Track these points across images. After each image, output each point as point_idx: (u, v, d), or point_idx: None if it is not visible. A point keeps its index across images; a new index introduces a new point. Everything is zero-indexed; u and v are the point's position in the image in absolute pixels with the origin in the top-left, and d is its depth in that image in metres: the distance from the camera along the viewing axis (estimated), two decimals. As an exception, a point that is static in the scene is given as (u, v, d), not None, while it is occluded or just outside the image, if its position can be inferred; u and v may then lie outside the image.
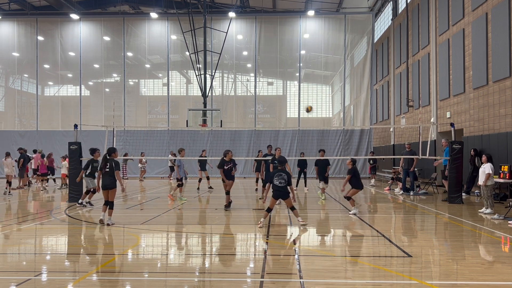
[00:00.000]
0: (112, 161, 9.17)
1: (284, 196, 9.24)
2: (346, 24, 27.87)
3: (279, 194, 9.21)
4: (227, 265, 6.35)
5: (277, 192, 9.21)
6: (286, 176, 9.25)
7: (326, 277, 5.56)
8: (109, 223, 9.25)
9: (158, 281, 5.49)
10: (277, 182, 9.21)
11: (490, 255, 6.75)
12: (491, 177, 10.89)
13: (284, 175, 9.24)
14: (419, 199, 14.83)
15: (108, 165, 9.14)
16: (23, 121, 29.57)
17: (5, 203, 13.88)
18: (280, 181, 9.18)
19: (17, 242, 7.98)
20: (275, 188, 9.24)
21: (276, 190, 9.22)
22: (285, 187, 9.21)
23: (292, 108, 29.60)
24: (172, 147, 25.51)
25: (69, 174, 14.15)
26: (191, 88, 30.21)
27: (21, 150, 19.47)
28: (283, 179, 9.21)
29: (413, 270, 5.88)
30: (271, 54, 29.04)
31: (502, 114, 14.06)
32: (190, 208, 12.58)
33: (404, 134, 23.41)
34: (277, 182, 9.21)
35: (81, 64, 28.67)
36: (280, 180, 9.19)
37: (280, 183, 9.18)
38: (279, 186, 9.18)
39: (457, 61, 17.28)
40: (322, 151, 15.13)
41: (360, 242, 7.92)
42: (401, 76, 24.25)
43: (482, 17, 15.30)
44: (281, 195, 9.22)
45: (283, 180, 9.20)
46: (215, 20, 28.11)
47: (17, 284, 5.22)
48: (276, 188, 9.22)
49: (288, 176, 9.30)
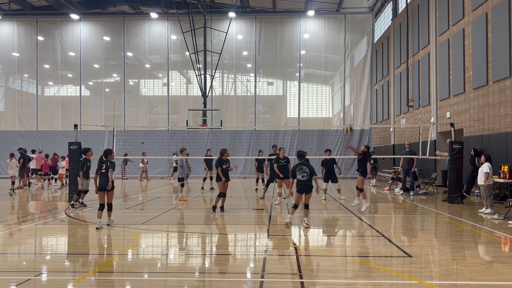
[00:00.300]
0: (108, 162, 9.13)
1: (308, 190, 9.09)
2: (346, 24, 27.86)
3: (303, 188, 9.05)
4: (227, 265, 6.35)
5: (301, 186, 9.06)
6: (308, 169, 9.05)
7: (326, 277, 5.56)
8: (109, 224, 9.24)
9: (158, 281, 5.50)
10: (299, 176, 9.06)
11: (490, 255, 6.75)
12: (490, 176, 10.91)
13: (305, 168, 9.05)
14: (419, 199, 14.83)
15: (104, 166, 9.08)
16: (23, 121, 29.57)
17: (7, 203, 13.88)
18: (303, 174, 9.03)
19: (17, 242, 7.98)
20: (299, 183, 9.10)
21: (300, 185, 9.07)
22: (308, 181, 9.04)
23: (292, 108, 29.60)
24: (172, 147, 25.53)
25: (69, 174, 14.15)
26: (191, 88, 30.21)
27: (21, 150, 19.49)
28: (305, 172, 9.04)
29: (413, 270, 5.88)
30: (271, 54, 29.03)
31: (502, 114, 14.06)
32: (191, 208, 12.58)
33: (404, 134, 23.41)
34: (299, 176, 9.06)
35: (81, 64, 28.66)
36: (303, 174, 9.03)
37: (302, 176, 9.03)
38: (302, 180, 9.03)
39: (457, 61, 17.28)
40: (328, 151, 14.85)
41: (360, 242, 7.92)
42: (401, 76, 24.25)
43: (482, 17, 15.30)
44: (305, 189, 9.05)
45: (305, 173, 9.03)
46: (215, 20, 28.11)
47: (17, 284, 5.22)
48: (300, 183, 9.07)
49: (310, 168, 9.10)
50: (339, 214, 11.39)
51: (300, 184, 9.06)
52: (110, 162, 9.13)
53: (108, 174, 8.99)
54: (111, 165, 9.09)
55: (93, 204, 12.75)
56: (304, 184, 9.03)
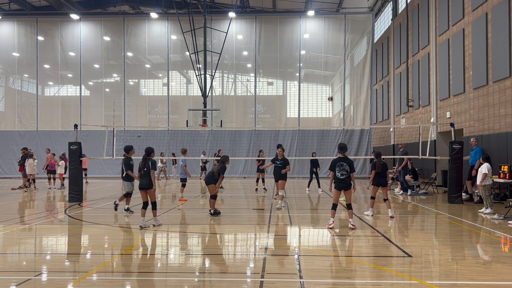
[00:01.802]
0: (149, 161, 9.06)
1: (347, 187, 8.78)
2: (346, 24, 27.86)
3: (341, 185, 8.77)
4: (227, 265, 6.35)
5: (339, 183, 8.78)
6: (347, 167, 8.73)
7: (326, 277, 5.56)
8: (154, 224, 9.11)
9: (158, 281, 5.49)
10: (338, 174, 8.76)
11: (490, 255, 6.75)
12: (488, 177, 10.92)
13: (345, 166, 8.72)
14: (419, 199, 14.83)
15: (146, 165, 8.99)
16: (23, 121, 29.56)
17: (7, 203, 13.89)
18: (342, 172, 8.72)
19: (17, 242, 7.98)
20: (337, 180, 8.81)
21: (338, 182, 8.79)
22: (347, 179, 8.75)
23: (292, 108, 29.60)
24: (172, 147, 25.53)
25: (70, 174, 14.14)
26: (191, 88, 30.22)
27: (24, 150, 19.65)
28: (345, 170, 8.71)
29: (413, 270, 5.88)
30: (271, 54, 29.03)
31: (502, 114, 14.06)
32: (191, 208, 12.58)
33: (404, 134, 23.42)
34: (338, 173, 8.76)
35: (81, 64, 28.67)
36: (342, 172, 8.72)
37: (342, 174, 8.73)
38: (340, 178, 8.75)
39: (457, 61, 17.28)
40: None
41: (360, 242, 7.92)
42: (401, 76, 24.25)
43: (482, 17, 15.30)
44: (344, 187, 8.78)
45: (345, 171, 8.71)
46: (215, 20, 28.11)
47: (17, 284, 5.22)
48: (338, 180, 8.79)
49: (350, 165, 8.77)
50: (339, 214, 11.38)
51: (339, 182, 8.78)
52: (152, 162, 9.04)
53: (149, 173, 8.94)
54: (153, 166, 9.02)
55: (93, 204, 12.74)
56: (343, 182, 8.76)
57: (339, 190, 8.85)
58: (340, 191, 8.87)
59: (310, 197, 15.37)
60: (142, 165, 9.04)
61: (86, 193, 16.95)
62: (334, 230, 8.75)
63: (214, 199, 10.74)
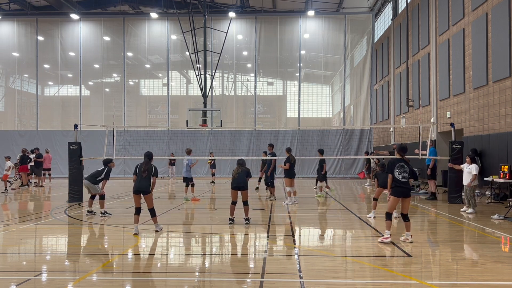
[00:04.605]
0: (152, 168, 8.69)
1: (407, 194, 7.54)
2: (346, 24, 27.86)
3: (402, 190, 7.47)
4: (227, 265, 6.35)
5: (400, 188, 7.47)
6: (408, 169, 7.54)
7: (326, 277, 5.56)
8: (157, 230, 8.73)
9: (158, 281, 5.50)
10: (399, 176, 7.47)
11: (490, 255, 6.75)
12: (476, 178, 11.04)
13: (407, 168, 7.52)
14: (419, 199, 14.83)
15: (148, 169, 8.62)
16: (23, 121, 29.55)
17: (6, 203, 13.88)
18: (404, 175, 7.47)
19: (17, 242, 7.97)
20: (397, 184, 7.47)
21: (398, 186, 7.47)
22: (408, 182, 7.54)
23: (292, 108, 29.59)
24: (172, 147, 25.51)
25: (70, 174, 14.15)
26: (191, 88, 30.20)
27: (24, 150, 19.75)
28: (407, 172, 7.50)
29: (413, 270, 5.88)
30: (271, 54, 29.03)
31: (502, 114, 14.06)
32: (191, 208, 12.58)
33: (404, 134, 23.41)
34: (399, 176, 7.47)
35: (81, 64, 28.65)
36: (404, 174, 7.47)
37: (403, 177, 7.47)
38: (402, 182, 7.46)
39: (457, 61, 17.28)
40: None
41: (360, 242, 7.92)
42: (401, 76, 24.25)
43: (482, 17, 15.30)
44: (405, 192, 7.49)
45: (406, 174, 7.49)
46: (215, 20, 28.10)
47: (17, 284, 5.22)
48: (399, 184, 7.46)
49: (412, 170, 7.63)
50: (339, 214, 11.39)
51: (399, 186, 7.46)
52: (155, 169, 8.73)
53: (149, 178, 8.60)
54: (155, 173, 8.69)
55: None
56: (404, 186, 7.47)
57: (399, 197, 7.53)
58: (399, 199, 7.54)
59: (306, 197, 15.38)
60: (144, 168, 8.67)
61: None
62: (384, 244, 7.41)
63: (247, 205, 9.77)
